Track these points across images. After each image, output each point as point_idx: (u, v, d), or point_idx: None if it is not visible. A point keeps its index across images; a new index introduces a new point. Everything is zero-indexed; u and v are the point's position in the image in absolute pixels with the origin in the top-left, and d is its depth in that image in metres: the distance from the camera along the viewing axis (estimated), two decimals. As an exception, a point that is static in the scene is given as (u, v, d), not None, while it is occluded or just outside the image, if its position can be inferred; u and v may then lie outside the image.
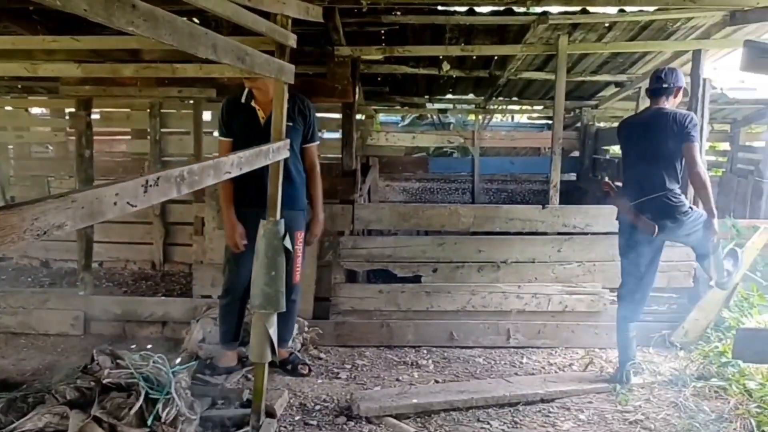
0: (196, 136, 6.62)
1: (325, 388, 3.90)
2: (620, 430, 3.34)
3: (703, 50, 4.84)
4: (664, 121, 3.70)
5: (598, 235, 4.83)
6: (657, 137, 3.71)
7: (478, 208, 5.01)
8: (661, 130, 3.70)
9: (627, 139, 3.96)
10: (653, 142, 3.72)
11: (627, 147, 3.97)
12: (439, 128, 9.90)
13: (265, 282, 3.03)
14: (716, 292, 4.46)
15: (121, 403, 2.91)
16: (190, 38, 1.76)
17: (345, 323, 4.72)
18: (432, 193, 7.82)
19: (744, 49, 2.53)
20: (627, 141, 3.96)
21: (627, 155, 3.99)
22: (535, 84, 6.96)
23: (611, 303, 4.73)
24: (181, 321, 4.77)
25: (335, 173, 5.11)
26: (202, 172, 1.90)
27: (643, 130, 3.81)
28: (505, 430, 3.36)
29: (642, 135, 3.80)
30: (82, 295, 5.03)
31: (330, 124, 8.49)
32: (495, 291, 4.74)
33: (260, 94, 3.80)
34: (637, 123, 3.96)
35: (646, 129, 3.79)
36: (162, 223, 7.07)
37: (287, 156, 3.12)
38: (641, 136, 3.81)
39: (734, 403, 3.55)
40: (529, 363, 4.40)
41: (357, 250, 4.79)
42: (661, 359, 4.36)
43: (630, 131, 3.95)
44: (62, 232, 1.21)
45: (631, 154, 3.93)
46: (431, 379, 4.08)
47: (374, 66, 5.87)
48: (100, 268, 7.06)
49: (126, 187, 1.44)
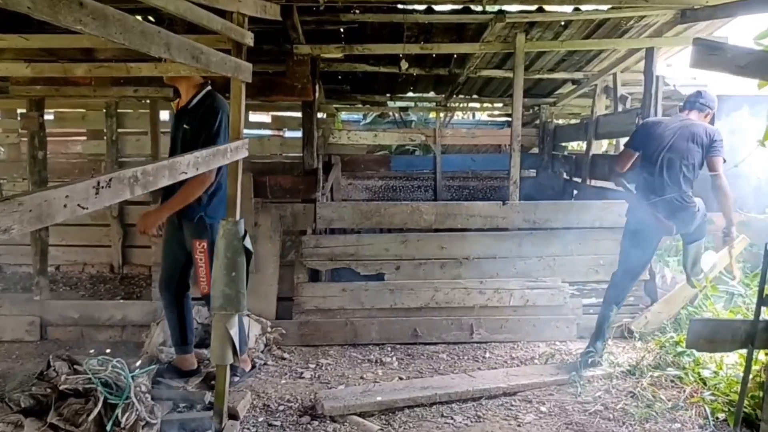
0: (153, 136, 6.51)
1: (289, 388, 3.88)
2: (580, 420, 3.41)
3: (656, 48, 4.98)
4: (696, 132, 3.93)
5: (557, 230, 4.91)
6: (686, 144, 3.92)
7: (439, 206, 5.04)
8: (692, 139, 3.92)
9: (650, 139, 4.05)
10: (681, 147, 3.92)
11: (648, 146, 4.05)
12: (401, 126, 9.93)
13: (225, 283, 3.00)
14: (685, 289, 4.60)
15: (79, 410, 2.84)
16: (141, 37, 1.73)
17: (308, 322, 4.70)
18: (394, 191, 7.83)
19: (693, 47, 2.59)
20: (650, 141, 4.05)
21: (646, 154, 4.07)
22: (494, 82, 7.03)
23: (571, 296, 4.82)
24: (140, 324, 4.70)
25: (297, 172, 5.08)
26: (157, 172, 1.87)
27: (672, 135, 3.97)
28: (468, 425, 3.39)
29: (671, 139, 3.96)
30: (37, 300, 4.90)
31: (291, 122, 8.45)
32: (458, 287, 4.78)
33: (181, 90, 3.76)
34: (666, 126, 4.06)
35: (677, 135, 3.96)
36: (120, 225, 6.95)
37: (245, 155, 3.09)
38: (670, 140, 3.96)
39: (689, 391, 3.65)
40: (492, 357, 4.46)
41: (320, 249, 4.78)
42: (619, 350, 4.45)
43: (656, 132, 4.05)
44: (8, 236, 1.17)
45: (652, 153, 4.02)
46: (395, 377, 4.09)
47: (334, 64, 5.86)
48: (56, 272, 6.90)
49: (76, 188, 1.40)
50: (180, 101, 3.76)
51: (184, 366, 3.86)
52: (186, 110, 3.67)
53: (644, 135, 4.11)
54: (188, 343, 3.85)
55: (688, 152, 3.91)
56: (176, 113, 3.80)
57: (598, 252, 4.88)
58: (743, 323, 2.78)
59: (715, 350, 3.31)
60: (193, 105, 3.63)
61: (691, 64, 2.66)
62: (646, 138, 4.08)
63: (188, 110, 3.65)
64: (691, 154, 3.91)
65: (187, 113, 3.64)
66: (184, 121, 3.64)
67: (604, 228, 4.89)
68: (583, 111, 8.52)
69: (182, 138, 3.63)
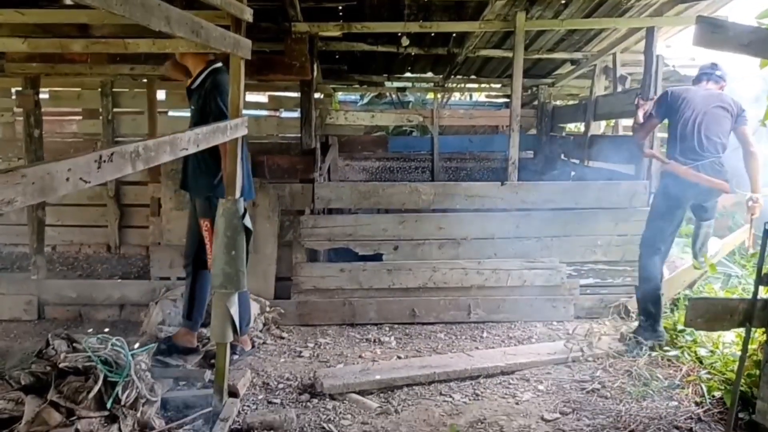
0: (151, 116, 6.44)
1: (288, 367, 3.90)
2: (578, 398, 3.43)
3: (656, 27, 4.94)
4: (725, 100, 4.06)
5: (556, 211, 4.91)
6: (718, 113, 4.03)
7: (438, 186, 5.03)
8: (721, 107, 4.03)
9: (681, 107, 4.11)
10: (715, 114, 4.03)
11: (678, 113, 4.11)
12: (398, 107, 9.87)
13: (225, 261, 3.00)
14: (687, 272, 4.64)
15: (79, 387, 2.84)
16: (142, 9, 1.70)
17: (307, 302, 4.71)
18: (392, 172, 7.81)
19: (696, 24, 2.58)
20: (681, 108, 4.10)
21: (678, 121, 4.12)
22: (492, 62, 6.99)
23: (569, 277, 4.84)
24: (139, 303, 4.70)
25: (294, 152, 5.05)
26: (158, 148, 1.85)
27: (703, 102, 4.06)
28: (466, 403, 3.41)
29: (703, 106, 4.05)
30: (34, 279, 4.90)
31: (288, 102, 8.38)
32: (456, 267, 4.78)
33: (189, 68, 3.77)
34: (695, 94, 4.13)
35: (707, 104, 4.05)
36: (117, 205, 6.91)
37: (245, 133, 3.08)
38: (702, 107, 4.05)
39: (686, 370, 3.68)
40: (490, 337, 4.48)
41: (318, 229, 4.77)
42: (615, 330, 4.47)
43: (686, 100, 4.11)
44: (12, 208, 1.16)
45: (687, 120, 4.08)
46: (394, 356, 4.11)
47: (332, 43, 5.81)
48: (53, 252, 6.87)
49: (79, 162, 1.39)
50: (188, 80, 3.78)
51: (180, 340, 3.84)
52: (191, 90, 3.70)
53: (672, 104, 4.16)
54: (191, 320, 3.85)
55: (721, 119, 4.03)
56: (186, 92, 3.83)
57: (597, 233, 4.88)
58: (741, 302, 2.79)
59: (713, 329, 3.35)
60: (197, 84, 3.64)
61: (694, 41, 2.64)
62: (675, 106, 4.14)
63: (193, 90, 3.66)
64: (724, 121, 4.03)
65: (192, 92, 3.68)
66: (191, 100, 3.70)
67: (602, 209, 4.89)
68: (581, 92, 8.48)
69: (192, 117, 3.71)
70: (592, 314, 4.81)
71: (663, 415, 3.13)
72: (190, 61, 3.70)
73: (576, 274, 4.89)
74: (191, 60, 3.68)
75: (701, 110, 4.03)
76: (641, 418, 3.14)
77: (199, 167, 3.71)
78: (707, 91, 4.13)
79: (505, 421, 3.18)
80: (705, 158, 4.01)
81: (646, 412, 3.22)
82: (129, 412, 2.88)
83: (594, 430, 3.08)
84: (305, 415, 3.22)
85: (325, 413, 3.26)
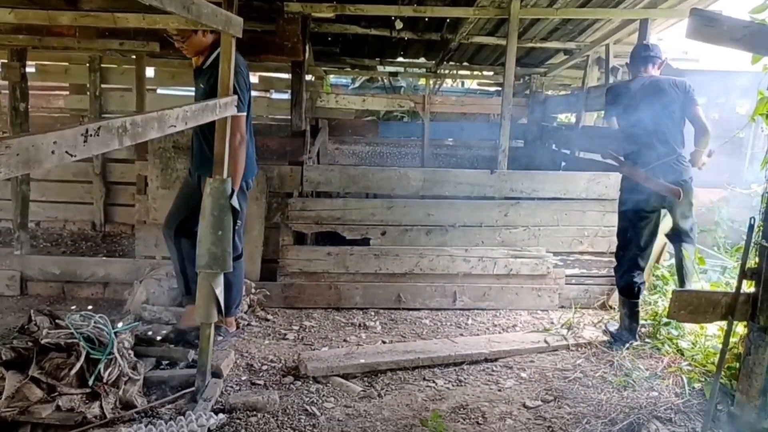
0: (139, 93, 6.38)
1: (272, 349, 3.89)
2: (560, 386, 3.46)
3: (650, 19, 4.94)
4: (664, 88, 3.77)
5: (544, 200, 4.92)
6: (661, 103, 3.75)
7: (427, 172, 5.01)
8: (663, 96, 3.76)
9: (625, 107, 3.91)
10: (658, 108, 3.76)
11: (626, 114, 3.92)
12: (390, 92, 9.84)
13: (212, 241, 2.98)
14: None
15: (61, 364, 2.83)
16: (132, -19, 1.67)
17: (293, 285, 4.70)
18: (381, 157, 7.78)
19: (690, 17, 2.57)
20: (625, 108, 3.90)
21: (627, 123, 3.93)
22: (485, 49, 6.97)
23: (555, 267, 4.86)
24: (123, 282, 4.66)
25: (284, 134, 5.01)
26: (146, 124, 1.83)
27: (643, 97, 3.81)
28: (449, 389, 3.43)
29: (643, 102, 3.80)
30: (18, 255, 4.84)
31: (279, 84, 8.32)
32: (442, 254, 4.79)
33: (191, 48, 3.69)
34: (633, 90, 3.91)
35: (647, 96, 3.80)
36: (102, 183, 6.85)
37: (235, 113, 3.05)
38: (642, 103, 3.80)
39: (667, 361, 3.72)
40: (474, 324, 4.49)
41: (306, 212, 4.75)
42: (598, 320, 4.50)
43: (626, 99, 3.91)
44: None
45: (632, 121, 3.87)
46: (378, 340, 4.12)
47: (325, 25, 5.76)
48: (37, 228, 6.82)
49: (65, 135, 1.36)
50: (197, 60, 3.72)
51: (188, 321, 3.77)
52: (201, 70, 3.65)
53: (617, 100, 3.99)
54: (190, 294, 3.80)
55: (667, 108, 3.76)
56: (194, 72, 3.79)
57: (584, 223, 4.90)
58: (724, 295, 2.82)
59: (695, 321, 3.38)
60: (207, 65, 3.60)
61: (687, 34, 2.64)
62: (620, 102, 3.96)
63: (203, 70, 3.63)
64: (671, 109, 3.76)
65: (202, 73, 3.63)
66: (200, 80, 3.65)
67: (590, 199, 4.90)
68: (573, 82, 8.49)
69: (200, 98, 3.61)
70: (576, 304, 4.84)
71: (643, 405, 3.16)
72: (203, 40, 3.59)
73: (562, 264, 4.91)
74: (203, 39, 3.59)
75: (644, 106, 3.77)
76: (622, 407, 3.17)
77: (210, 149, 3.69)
78: (647, 81, 3.86)
79: (488, 407, 3.20)
80: (659, 159, 3.78)
81: (627, 401, 3.25)
82: (111, 390, 2.87)
83: (575, 418, 3.11)
84: (288, 397, 3.22)
85: (308, 396, 3.26)
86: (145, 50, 5.06)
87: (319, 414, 3.06)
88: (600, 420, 3.07)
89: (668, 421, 3.05)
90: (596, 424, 3.04)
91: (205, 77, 3.59)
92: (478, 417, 3.11)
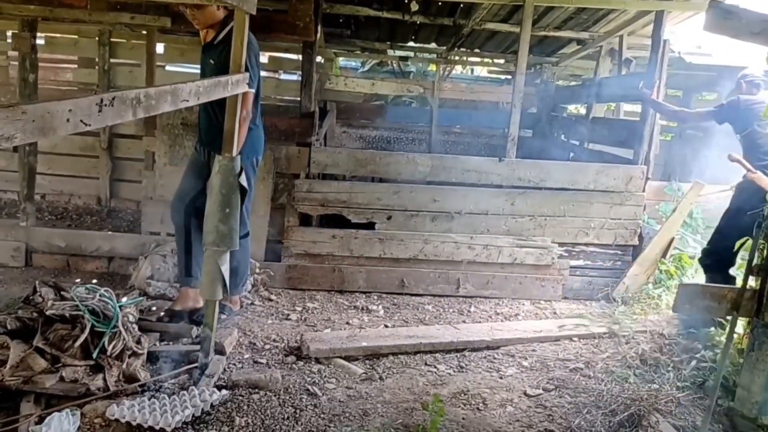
0: (149, 68, 6.34)
1: (275, 329, 3.90)
2: (561, 376, 3.46)
3: (666, 11, 4.88)
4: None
5: (551, 190, 4.91)
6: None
7: (435, 158, 4.99)
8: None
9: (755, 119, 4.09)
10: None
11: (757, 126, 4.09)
12: (399, 77, 9.78)
13: (219, 219, 2.98)
14: (655, 246, 4.65)
15: (65, 335, 2.85)
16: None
17: (297, 266, 4.71)
18: (388, 142, 7.75)
19: (708, 10, 2.55)
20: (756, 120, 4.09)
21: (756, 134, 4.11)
22: (498, 36, 6.91)
23: (559, 257, 4.85)
24: (128, 257, 4.68)
25: (292, 115, 4.99)
26: (159, 96, 1.81)
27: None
28: (450, 374, 3.44)
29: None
30: (23, 226, 4.84)
31: (288, 65, 8.28)
32: (447, 241, 4.78)
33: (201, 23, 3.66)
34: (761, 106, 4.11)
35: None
36: (109, 157, 6.86)
37: (246, 90, 3.04)
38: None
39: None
40: (477, 312, 4.50)
41: (312, 194, 4.74)
42: (602, 312, 4.50)
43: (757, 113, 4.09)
44: (10, 144, 1.13)
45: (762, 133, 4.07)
46: (381, 324, 4.13)
47: (337, 6, 5.72)
48: (42, 200, 6.82)
49: (80, 103, 1.35)
50: (207, 35, 3.68)
51: (184, 303, 3.79)
52: (212, 45, 3.62)
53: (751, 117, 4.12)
54: (191, 276, 3.79)
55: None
56: (203, 47, 3.75)
57: (590, 215, 4.88)
58: (730, 291, 2.82)
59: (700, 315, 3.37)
60: (219, 40, 3.58)
61: (704, 27, 2.62)
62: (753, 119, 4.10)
63: (214, 45, 3.60)
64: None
65: (212, 48, 3.61)
66: (210, 55, 3.62)
67: (598, 191, 4.88)
68: (584, 73, 8.43)
69: (210, 74, 3.56)
70: (579, 296, 4.84)
71: (644, 397, 3.16)
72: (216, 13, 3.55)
73: (567, 255, 4.90)
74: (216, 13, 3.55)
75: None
76: (623, 399, 3.17)
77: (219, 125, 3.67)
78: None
79: (488, 393, 3.21)
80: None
81: (628, 393, 3.24)
82: (115, 363, 2.89)
83: (575, 407, 3.12)
84: (290, 377, 3.23)
85: (310, 376, 3.27)
86: (156, 25, 5.01)
87: (320, 394, 3.07)
88: (600, 410, 3.08)
89: (669, 413, 3.05)
90: (596, 414, 3.05)
91: (215, 52, 3.56)
92: (478, 403, 3.12)
